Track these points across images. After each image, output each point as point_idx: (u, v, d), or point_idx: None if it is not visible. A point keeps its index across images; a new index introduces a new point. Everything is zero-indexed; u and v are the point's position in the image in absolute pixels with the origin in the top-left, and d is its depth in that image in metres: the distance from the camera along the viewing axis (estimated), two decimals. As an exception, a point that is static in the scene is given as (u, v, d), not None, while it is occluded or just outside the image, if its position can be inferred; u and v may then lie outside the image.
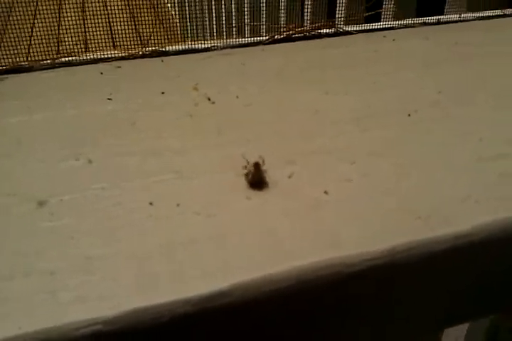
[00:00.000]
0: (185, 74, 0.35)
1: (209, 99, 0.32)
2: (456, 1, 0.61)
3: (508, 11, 0.43)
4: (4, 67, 0.36)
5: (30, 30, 0.39)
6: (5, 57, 0.37)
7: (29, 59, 0.37)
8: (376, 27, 0.41)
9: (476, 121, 0.30)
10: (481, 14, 0.43)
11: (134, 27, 0.44)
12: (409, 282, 0.23)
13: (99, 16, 0.45)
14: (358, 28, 0.41)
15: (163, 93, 0.33)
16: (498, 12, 0.43)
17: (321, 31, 0.40)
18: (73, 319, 0.19)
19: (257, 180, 0.25)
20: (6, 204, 0.24)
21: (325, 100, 0.33)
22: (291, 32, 0.39)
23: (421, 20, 0.42)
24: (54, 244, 0.22)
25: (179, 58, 0.37)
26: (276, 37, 0.39)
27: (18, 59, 0.37)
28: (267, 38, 0.39)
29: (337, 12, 0.63)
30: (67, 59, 0.37)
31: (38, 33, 0.40)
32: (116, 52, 0.38)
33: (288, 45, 0.39)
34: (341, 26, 0.40)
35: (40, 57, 0.38)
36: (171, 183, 0.26)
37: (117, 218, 0.23)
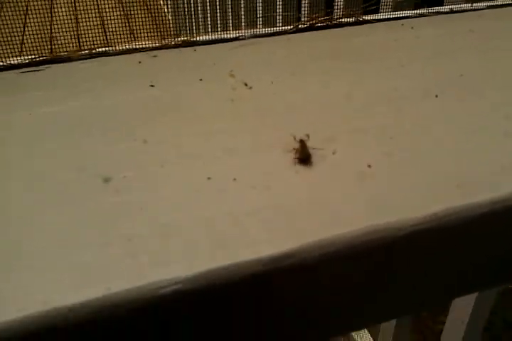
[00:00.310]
0: (220, 62, 0.37)
1: (246, 85, 0.34)
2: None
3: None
4: (43, 58, 0.38)
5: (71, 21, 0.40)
6: (43, 48, 0.38)
7: (68, 49, 0.38)
8: (393, 16, 0.43)
9: (500, 101, 0.32)
10: (491, 3, 0.45)
11: (126, 23, 0.45)
12: (451, 246, 0.25)
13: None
14: (376, 17, 0.43)
15: (201, 80, 0.35)
16: (508, 0, 0.45)
17: (342, 20, 0.42)
18: (155, 279, 0.21)
19: (304, 156, 0.27)
20: (76, 181, 0.26)
21: (355, 84, 0.35)
22: (314, 21, 0.41)
23: (435, 9, 0.44)
24: (126, 215, 0.24)
25: (210, 47, 0.39)
26: (300, 26, 0.41)
27: (56, 50, 0.39)
28: (291, 27, 0.41)
29: (335, 4, 0.65)
30: (103, 49, 0.39)
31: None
32: (149, 42, 0.39)
33: (312, 34, 0.41)
34: (361, 15, 0.42)
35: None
36: (225, 161, 0.27)
37: (181, 192, 0.25)
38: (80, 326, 0.20)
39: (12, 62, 0.38)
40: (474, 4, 0.44)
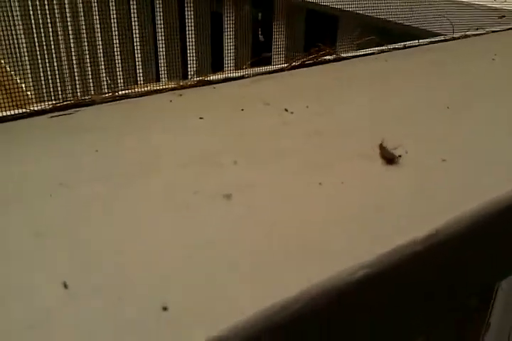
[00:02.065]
0: (246, 95, 0.40)
1: (287, 110, 0.37)
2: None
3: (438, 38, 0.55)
4: (68, 102, 0.37)
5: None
6: (66, 92, 0.37)
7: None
8: (362, 53, 0.50)
9: (504, 107, 0.39)
10: (431, 39, 0.54)
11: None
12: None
13: None
14: (352, 54, 0.49)
15: (242, 110, 0.37)
16: (441, 37, 0.55)
17: (326, 58, 0.47)
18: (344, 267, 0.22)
19: (390, 156, 0.31)
20: (199, 201, 0.26)
21: (374, 104, 0.39)
22: (304, 59, 0.46)
23: (392, 46, 0.51)
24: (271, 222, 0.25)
25: (227, 85, 0.42)
26: (293, 64, 0.45)
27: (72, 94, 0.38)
28: (287, 65, 0.45)
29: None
30: (125, 92, 0.39)
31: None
32: (165, 84, 0.41)
33: (308, 70, 0.46)
34: (340, 53, 0.48)
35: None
36: (326, 169, 0.30)
37: (309, 197, 0.27)
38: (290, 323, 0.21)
39: (36, 108, 0.36)
40: (421, 41, 0.53)
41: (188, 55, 1.26)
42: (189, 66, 1.29)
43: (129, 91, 0.39)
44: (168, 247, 0.23)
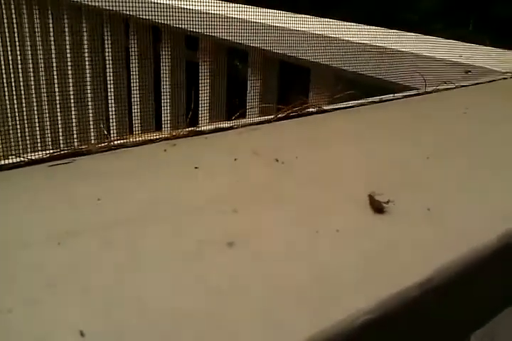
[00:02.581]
0: (237, 145, 0.41)
1: (277, 161, 0.39)
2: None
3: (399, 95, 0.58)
4: (65, 152, 0.38)
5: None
6: (61, 142, 0.38)
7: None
8: (341, 106, 0.52)
9: (479, 157, 0.42)
10: (405, 94, 0.58)
11: None
12: None
13: None
14: (333, 107, 0.51)
15: (235, 159, 0.38)
16: (414, 92, 0.58)
17: (309, 110, 0.50)
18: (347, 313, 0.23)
19: (379, 206, 0.32)
20: (202, 250, 0.27)
21: (358, 154, 0.41)
22: (289, 111, 0.48)
23: (370, 99, 0.55)
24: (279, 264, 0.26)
25: (218, 135, 0.43)
26: (279, 116, 0.48)
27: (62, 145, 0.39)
28: (273, 116, 0.48)
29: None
30: (120, 142, 0.40)
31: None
32: (158, 134, 0.42)
33: (293, 122, 0.48)
34: (321, 106, 0.50)
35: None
36: (320, 217, 0.31)
37: (296, 245, 0.28)
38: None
39: (33, 157, 0.37)
40: (396, 94, 0.56)
41: (163, 105, 1.28)
42: (163, 116, 1.31)
43: (124, 140, 0.41)
44: (176, 295, 0.24)
